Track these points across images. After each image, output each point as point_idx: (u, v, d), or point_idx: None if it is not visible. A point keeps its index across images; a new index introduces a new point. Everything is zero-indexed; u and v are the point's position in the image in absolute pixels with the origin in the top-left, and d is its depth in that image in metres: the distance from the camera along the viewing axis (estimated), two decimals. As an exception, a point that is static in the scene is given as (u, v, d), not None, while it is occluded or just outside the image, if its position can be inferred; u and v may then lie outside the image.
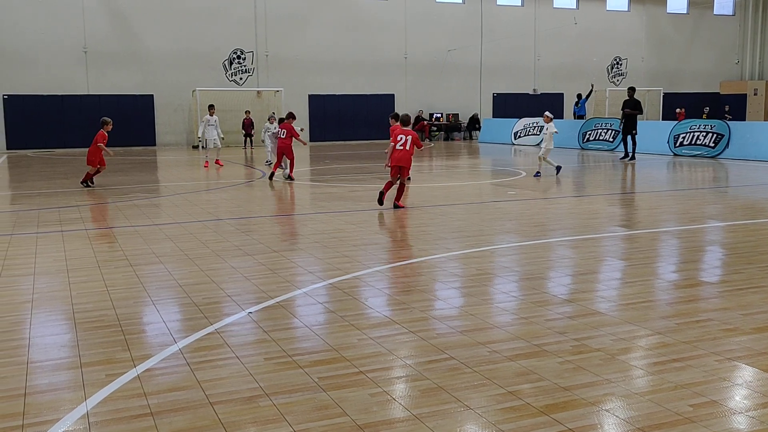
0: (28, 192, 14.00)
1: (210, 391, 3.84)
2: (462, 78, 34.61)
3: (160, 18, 29.35)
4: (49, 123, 28.30)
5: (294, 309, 5.45)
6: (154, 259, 7.29)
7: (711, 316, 5.14)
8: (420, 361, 4.26)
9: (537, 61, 35.99)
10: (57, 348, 4.59)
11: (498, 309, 5.39)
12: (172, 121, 30.38)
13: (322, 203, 12.08)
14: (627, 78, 37.86)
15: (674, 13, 39.00)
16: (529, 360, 4.24)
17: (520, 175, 16.30)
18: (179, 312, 5.43)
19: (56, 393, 3.86)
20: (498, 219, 9.94)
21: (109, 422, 3.48)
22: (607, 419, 3.47)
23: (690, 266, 6.93)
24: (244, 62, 31.00)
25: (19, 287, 6.23)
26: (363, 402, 3.67)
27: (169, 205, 11.69)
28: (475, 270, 6.69)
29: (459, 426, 3.41)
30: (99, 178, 14.97)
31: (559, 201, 11.93)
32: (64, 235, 8.77)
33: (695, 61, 39.60)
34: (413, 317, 5.16)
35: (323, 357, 4.35)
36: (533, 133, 28.44)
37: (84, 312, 5.39)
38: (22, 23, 27.48)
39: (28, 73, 27.85)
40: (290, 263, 7.04)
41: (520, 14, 35.41)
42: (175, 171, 19.49)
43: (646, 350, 4.44)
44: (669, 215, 10.34)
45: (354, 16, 32.25)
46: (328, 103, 32.05)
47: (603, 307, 5.40)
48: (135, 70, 29.35)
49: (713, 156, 20.36)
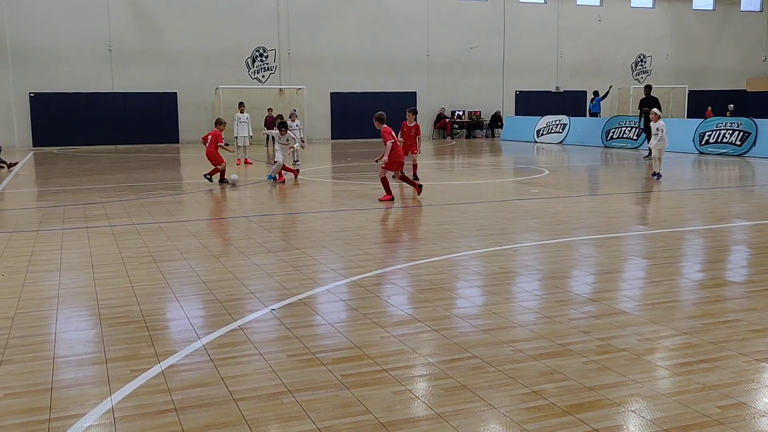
0: (54, 189, 14.18)
1: (233, 387, 3.85)
2: (484, 75, 34.46)
3: (183, 16, 29.57)
4: (74, 120, 28.65)
5: (316, 306, 5.46)
6: (178, 256, 7.34)
7: (738, 316, 5.05)
8: (443, 360, 4.24)
9: (560, 58, 35.72)
10: (82, 343, 4.64)
11: (521, 308, 5.35)
12: (195, 119, 30.59)
13: (343, 201, 12.09)
14: (651, 75, 37.44)
15: (700, 10, 38.46)
16: (554, 359, 4.21)
17: (542, 173, 16.19)
18: (203, 308, 5.46)
19: (82, 388, 3.90)
20: (521, 217, 9.88)
21: (133, 417, 3.50)
22: (632, 420, 3.42)
23: (716, 266, 6.83)
24: (267, 60, 31.13)
25: (45, 283, 6.31)
26: (386, 400, 3.66)
27: (192, 202, 11.78)
28: (498, 268, 6.65)
29: (482, 425, 3.38)
30: (124, 175, 15.13)
31: (583, 199, 11.83)
32: (89, 232, 8.87)
33: (721, 58, 39.04)
34: (436, 315, 5.15)
35: (346, 354, 4.35)
36: (556, 131, 28.24)
37: (109, 308, 5.44)
38: (48, 22, 27.84)
39: (54, 72, 28.21)
40: (312, 260, 7.05)
41: (543, 11, 35.16)
42: (198, 168, 19.61)
43: (673, 351, 4.38)
44: (695, 214, 10.21)
45: (376, 13, 32.23)
46: (350, 101, 32.06)
47: (628, 306, 5.34)
48: (159, 68, 29.61)
49: (740, 154, 20.06)
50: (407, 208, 10.59)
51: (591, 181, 15.01)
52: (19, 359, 4.34)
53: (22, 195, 13.48)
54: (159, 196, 12.41)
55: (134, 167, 19.15)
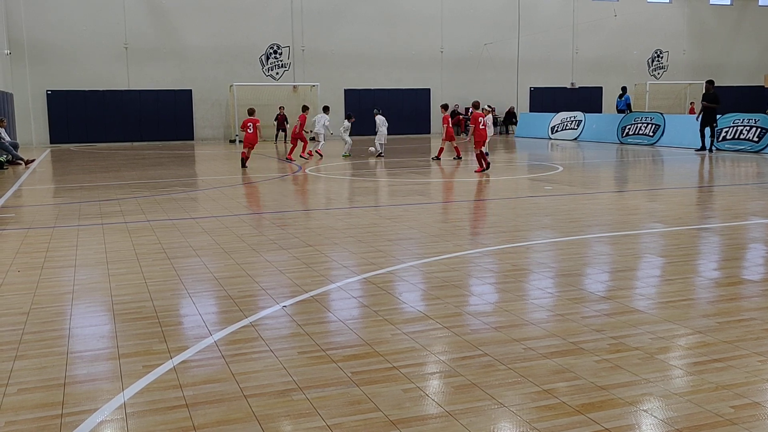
0: (70, 185, 14.29)
1: (244, 383, 3.86)
2: (498, 72, 34.33)
3: (198, 14, 29.71)
4: (90, 118, 28.90)
5: (328, 303, 5.46)
6: (191, 252, 7.38)
7: (754, 315, 5.00)
8: (454, 357, 4.23)
9: (575, 54, 35.52)
10: (96, 339, 4.68)
11: (533, 305, 5.33)
12: (209, 116, 30.75)
13: (356, 197, 12.09)
14: (668, 71, 37.15)
15: (717, 5, 38.09)
16: (565, 358, 4.18)
17: (557, 170, 16.10)
18: (215, 305, 5.49)
19: (95, 383, 3.93)
20: (534, 214, 9.83)
21: (145, 413, 3.53)
22: (645, 420, 3.39)
23: (732, 264, 6.76)
24: (281, 57, 31.20)
25: (60, 279, 6.36)
26: (396, 397, 3.66)
27: (206, 199, 11.83)
28: (510, 266, 6.62)
29: (493, 424, 3.37)
30: (139, 172, 15.21)
31: (597, 196, 11.75)
32: (105, 228, 8.94)
33: (739, 53, 38.63)
34: (447, 313, 5.13)
35: (357, 352, 4.35)
36: (571, 128, 28.09)
37: (122, 303, 5.48)
38: (64, 20, 28.07)
39: (71, 69, 28.46)
40: (324, 257, 7.06)
41: (558, 7, 34.96)
42: (213, 165, 19.72)
43: (686, 350, 4.34)
44: (710, 211, 10.11)
45: (390, 10, 32.20)
46: (364, 98, 32.07)
47: (641, 304, 5.30)
48: (174, 65, 29.78)
49: (757, 151, 19.84)
50: (422, 206, 10.57)
51: (605, 177, 14.92)
52: (33, 354, 4.38)
53: (39, 192, 13.60)
54: (173, 193, 12.48)
55: (149, 164, 19.27)
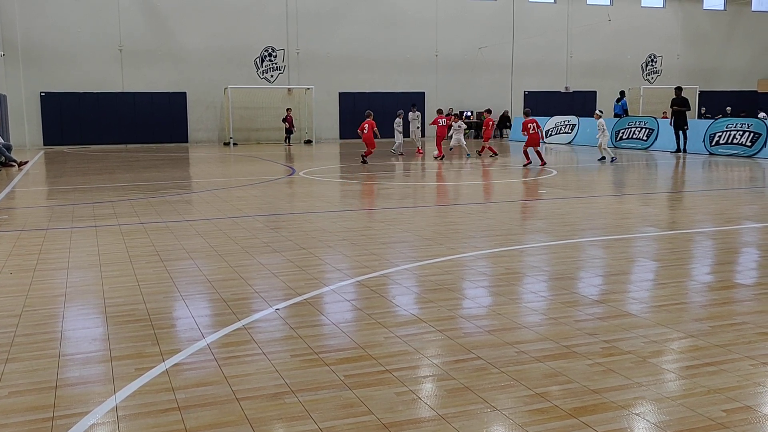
0: (64, 187, 14.25)
1: (237, 386, 3.85)
2: (493, 75, 34.39)
3: (193, 16, 29.68)
4: (84, 120, 28.82)
5: (321, 306, 5.46)
6: (184, 255, 7.36)
7: (746, 319, 5.02)
8: (447, 361, 4.23)
9: (569, 58, 35.62)
10: (88, 341, 4.66)
11: (526, 309, 5.33)
12: (204, 119, 30.70)
13: (351, 201, 12.09)
14: (662, 76, 37.28)
15: (711, 10, 38.26)
16: (558, 361, 4.19)
17: (551, 173, 16.14)
18: (208, 307, 5.47)
19: (86, 386, 3.91)
20: (528, 218, 9.85)
21: (137, 416, 3.51)
22: (637, 423, 3.40)
23: (725, 268, 6.78)
24: (276, 60, 31.19)
25: (53, 281, 6.34)
26: (388, 401, 3.66)
27: (199, 202, 11.81)
28: (504, 269, 6.63)
29: (485, 427, 3.37)
30: (133, 174, 15.20)
31: (591, 200, 11.78)
32: (98, 230, 8.91)
33: (732, 58, 38.82)
34: (440, 316, 5.13)
35: (350, 355, 4.34)
36: (565, 132, 28.15)
37: (115, 306, 5.47)
38: (59, 22, 28.00)
39: (65, 71, 28.38)
40: (318, 260, 7.05)
41: (552, 11, 35.06)
42: (207, 168, 19.69)
43: (679, 353, 4.35)
44: (704, 215, 10.15)
45: (385, 13, 32.23)
46: (359, 101, 32.07)
47: (634, 308, 5.31)
48: (169, 68, 29.72)
49: (750, 155, 19.93)
50: (416, 209, 10.57)
51: (599, 181, 14.95)
52: (25, 357, 4.36)
53: (32, 193, 13.55)
54: (167, 195, 12.45)
55: (143, 166, 19.23)
